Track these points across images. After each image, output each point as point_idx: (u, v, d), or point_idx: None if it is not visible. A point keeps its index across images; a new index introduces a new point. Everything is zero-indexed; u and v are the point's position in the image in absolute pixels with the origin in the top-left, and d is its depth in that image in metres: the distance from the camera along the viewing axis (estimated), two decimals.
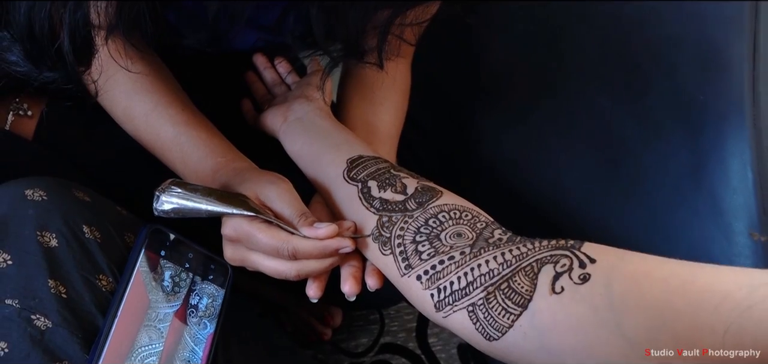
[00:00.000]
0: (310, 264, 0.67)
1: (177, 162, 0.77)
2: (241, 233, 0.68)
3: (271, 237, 0.66)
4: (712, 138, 0.89)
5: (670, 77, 0.92)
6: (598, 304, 0.52)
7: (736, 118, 0.86)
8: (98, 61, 0.72)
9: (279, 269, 0.67)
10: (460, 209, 0.66)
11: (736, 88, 0.86)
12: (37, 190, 0.67)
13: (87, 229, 0.67)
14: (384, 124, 0.90)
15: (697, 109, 0.90)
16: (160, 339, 0.65)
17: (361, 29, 0.75)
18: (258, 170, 0.75)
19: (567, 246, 0.57)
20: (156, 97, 0.79)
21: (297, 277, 0.68)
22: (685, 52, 0.91)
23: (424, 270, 0.63)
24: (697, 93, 0.90)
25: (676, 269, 0.52)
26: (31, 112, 0.84)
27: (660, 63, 0.93)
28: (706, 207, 0.90)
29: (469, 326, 0.59)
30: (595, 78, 1.01)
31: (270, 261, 0.68)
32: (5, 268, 0.62)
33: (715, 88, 0.88)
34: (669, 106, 0.93)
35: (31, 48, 0.69)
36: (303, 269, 0.67)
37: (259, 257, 0.68)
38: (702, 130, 0.90)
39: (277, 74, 0.98)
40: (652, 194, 0.97)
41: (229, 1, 0.77)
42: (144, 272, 0.67)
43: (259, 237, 0.66)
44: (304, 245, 0.66)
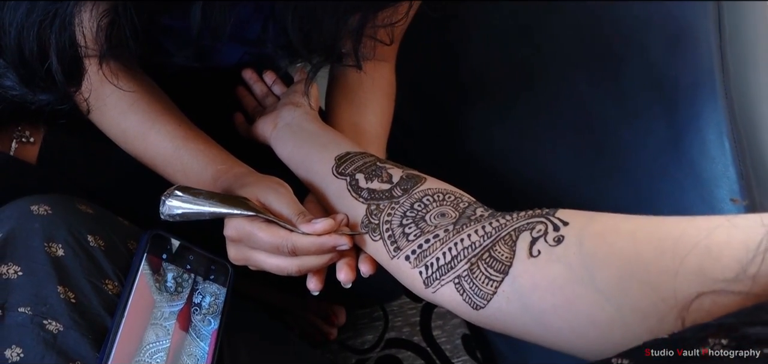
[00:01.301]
0: (309, 260, 0.70)
1: (178, 175, 0.81)
2: (242, 232, 0.71)
3: (272, 235, 0.69)
4: (687, 111, 0.91)
5: (641, 57, 0.95)
6: (572, 262, 0.56)
7: (708, 90, 0.89)
8: (88, 80, 0.75)
9: (281, 266, 0.71)
10: (443, 191, 0.70)
11: (706, 61, 0.89)
12: (42, 205, 0.70)
13: (91, 238, 0.71)
14: (371, 125, 0.93)
15: (670, 84, 0.93)
16: (167, 336, 0.69)
17: (336, 34, 0.79)
18: (257, 174, 0.78)
19: (542, 213, 0.61)
20: (151, 114, 0.82)
21: (298, 272, 0.71)
22: (654, 32, 0.94)
23: (411, 250, 0.66)
24: (669, 69, 0.93)
25: (641, 222, 0.55)
26: (33, 138, 0.88)
27: (631, 45, 0.96)
28: (688, 178, 0.92)
29: (456, 297, 0.62)
30: (571, 66, 1.04)
31: (271, 258, 0.71)
32: (16, 278, 0.66)
33: (685, 63, 0.91)
34: (643, 85, 0.96)
35: (24, 71, 0.73)
36: (303, 264, 0.70)
37: (261, 255, 0.72)
38: (677, 105, 0.93)
39: (265, 86, 1.02)
40: (634, 170, 0.99)
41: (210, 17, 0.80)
42: (147, 274, 0.70)
43: (260, 236, 0.70)
44: (303, 242, 0.69)
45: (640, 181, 0.98)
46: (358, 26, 0.80)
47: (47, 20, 0.67)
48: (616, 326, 0.51)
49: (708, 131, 0.90)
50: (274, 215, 0.71)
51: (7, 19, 0.68)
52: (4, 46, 0.70)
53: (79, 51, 0.71)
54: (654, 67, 0.95)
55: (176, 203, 0.69)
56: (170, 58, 0.83)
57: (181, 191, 0.69)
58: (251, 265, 0.74)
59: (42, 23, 0.67)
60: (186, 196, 0.69)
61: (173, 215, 0.69)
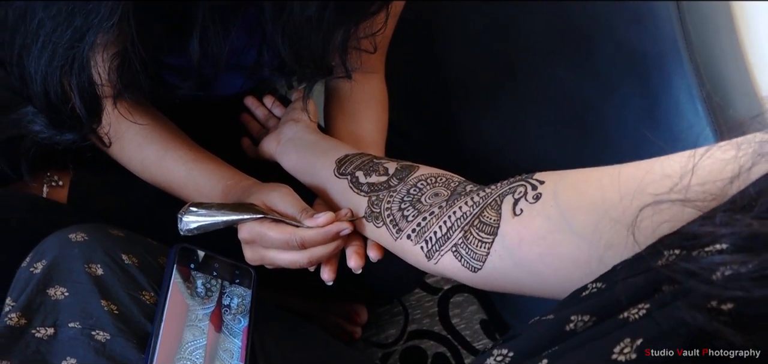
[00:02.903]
0: (318, 250, 0.78)
1: (193, 194, 0.88)
2: (254, 234, 0.79)
3: (280, 232, 0.77)
4: (658, 81, 0.98)
5: (609, 37, 1.02)
6: (551, 213, 0.63)
7: (674, 59, 0.95)
8: (107, 115, 0.83)
9: (293, 259, 0.78)
10: (435, 175, 0.78)
11: (668, 31, 0.95)
12: (79, 233, 0.78)
13: (125, 257, 0.78)
14: (367, 132, 1.01)
15: (639, 58, 1.00)
16: (203, 335, 0.76)
17: (323, 48, 0.87)
18: (262, 183, 0.85)
19: (522, 178, 0.68)
20: (165, 143, 0.90)
21: (309, 263, 0.78)
22: (618, 12, 1.01)
23: (411, 229, 0.74)
24: (636, 44, 1.00)
25: (607, 170, 0.62)
26: (62, 182, 0.96)
27: (598, 27, 1.03)
28: (667, 143, 0.97)
29: (456, 264, 0.70)
30: (547, 54, 1.12)
31: (283, 254, 0.78)
32: (63, 299, 0.74)
33: (649, 36, 0.98)
34: (615, 62, 1.03)
35: (51, 114, 0.81)
36: (313, 255, 0.78)
37: (274, 252, 0.79)
38: (648, 77, 0.99)
39: (267, 110, 1.10)
40: (618, 142, 1.05)
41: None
42: (179, 283, 0.78)
43: (270, 234, 0.77)
44: (309, 234, 0.76)
45: (623, 151, 1.04)
46: (343, 39, 0.88)
47: (67, 65, 0.75)
48: (594, 263, 0.57)
49: (680, 96, 0.95)
50: (280, 215, 0.79)
51: (32, 69, 0.76)
52: (32, 94, 0.78)
53: (96, 89, 0.79)
54: (622, 45, 1.02)
55: (192, 218, 0.77)
56: (177, 91, 0.91)
57: (195, 207, 0.77)
58: (267, 263, 0.81)
59: (63, 68, 0.75)
60: (199, 210, 0.77)
61: (190, 229, 0.77)
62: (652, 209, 0.52)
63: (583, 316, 0.49)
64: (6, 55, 0.79)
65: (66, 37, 0.73)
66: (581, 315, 0.49)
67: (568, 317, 0.49)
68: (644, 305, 0.45)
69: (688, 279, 0.42)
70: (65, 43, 0.73)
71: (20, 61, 0.78)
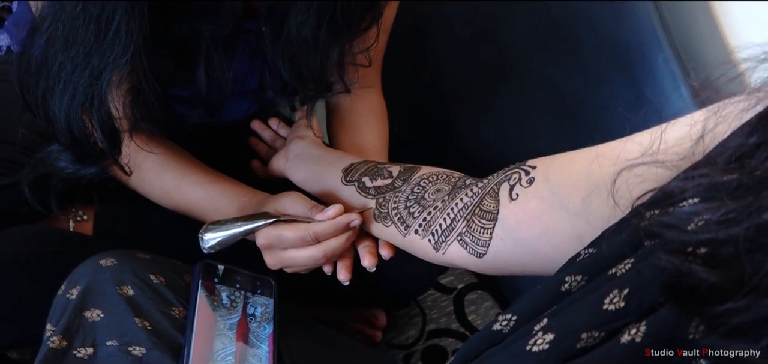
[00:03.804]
0: (331, 243, 0.83)
1: (211, 214, 0.93)
2: (271, 238, 0.84)
3: (295, 230, 0.82)
4: (642, 68, 1.02)
5: (592, 31, 1.07)
6: (544, 195, 0.68)
7: (654, 46, 0.99)
8: (127, 146, 0.89)
9: (309, 255, 0.83)
10: (436, 173, 0.83)
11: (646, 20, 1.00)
12: (108, 259, 0.83)
13: (153, 276, 0.84)
14: (370, 143, 1.07)
15: (622, 49, 1.05)
16: (231, 343, 0.81)
17: (321, 66, 0.93)
18: (269, 196, 0.92)
19: (515, 166, 0.74)
20: (181, 170, 0.96)
21: (324, 257, 0.83)
22: (599, 8, 1.06)
23: (418, 224, 0.79)
24: (617, 36, 1.05)
25: (590, 149, 0.67)
26: (86, 216, 1.02)
27: (582, 24, 1.08)
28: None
29: (462, 252, 0.75)
30: (535, 54, 1.17)
31: (300, 252, 0.84)
32: (99, 320, 0.79)
33: (629, 27, 1.03)
34: (599, 55, 1.08)
35: (76, 149, 0.86)
36: (327, 248, 0.83)
37: (291, 252, 0.84)
38: (631, 65, 1.04)
39: (273, 132, 1.15)
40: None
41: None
42: (205, 296, 0.83)
43: (286, 234, 0.83)
44: (322, 227, 0.82)
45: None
46: (339, 56, 0.94)
47: (87, 102, 0.81)
48: (588, 235, 0.61)
49: (663, 81, 0.99)
50: (291, 217, 0.84)
51: (56, 109, 0.82)
52: (57, 132, 0.84)
53: (115, 122, 0.85)
54: (604, 39, 1.07)
55: (211, 235, 0.83)
56: (188, 120, 0.97)
57: (213, 225, 0.83)
58: (286, 264, 0.86)
59: (83, 105, 0.81)
60: (218, 227, 0.83)
61: (212, 246, 0.83)
62: (627, 173, 0.57)
63: (576, 276, 0.54)
64: (31, 99, 0.84)
65: (85, 76, 0.79)
66: (574, 276, 0.54)
67: (563, 279, 0.55)
68: (629, 261, 0.51)
69: (667, 231, 0.47)
70: (84, 82, 0.79)
71: (45, 103, 0.83)
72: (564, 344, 0.50)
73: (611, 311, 0.48)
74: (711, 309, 0.42)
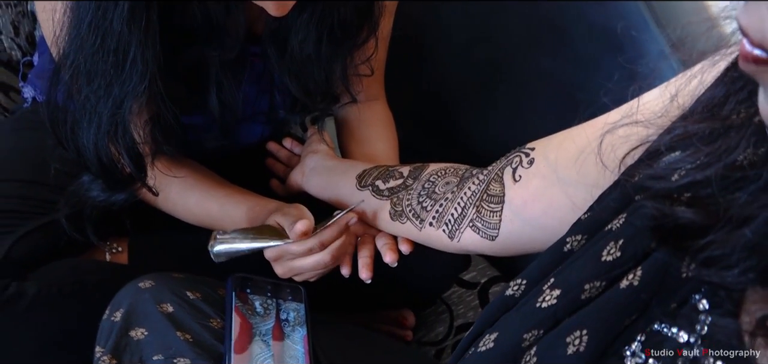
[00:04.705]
0: (337, 244, 0.89)
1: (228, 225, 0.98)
2: (278, 251, 0.91)
3: (300, 244, 0.88)
4: (633, 53, 1.06)
5: (581, 21, 1.12)
6: (544, 173, 0.74)
7: (644, 30, 1.04)
8: (151, 170, 0.95)
9: (318, 261, 0.89)
10: (444, 167, 0.89)
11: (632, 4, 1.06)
12: (147, 281, 0.89)
13: (190, 293, 0.89)
14: (380, 151, 1.13)
15: (612, 35, 1.08)
16: (268, 348, 0.87)
17: (327, 79, 1.00)
18: (280, 203, 0.97)
19: (515, 150, 0.79)
20: (201, 188, 1.02)
21: (332, 260, 0.90)
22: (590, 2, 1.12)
23: (432, 217, 0.85)
24: (607, 22, 1.10)
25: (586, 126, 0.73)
26: (121, 248, 1.08)
27: (570, 14, 1.14)
28: None
29: (476, 237, 0.80)
30: (529, 48, 1.22)
31: (308, 260, 0.90)
32: (144, 338, 0.84)
33: (617, 13, 1.07)
34: (591, 44, 1.12)
35: (106, 176, 0.92)
36: (334, 250, 0.89)
37: (299, 262, 0.90)
38: (623, 50, 1.09)
39: (288, 151, 1.22)
40: None
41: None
42: (240, 306, 0.88)
43: (292, 248, 0.89)
44: (325, 234, 0.88)
45: None
46: (342, 68, 1.01)
47: (112, 130, 0.86)
48: (586, 202, 0.65)
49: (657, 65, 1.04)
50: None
51: (84, 140, 0.88)
52: (87, 162, 0.90)
53: (139, 147, 0.91)
54: (594, 26, 1.11)
55: (220, 248, 0.89)
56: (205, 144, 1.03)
57: (220, 236, 0.89)
58: (296, 274, 0.92)
59: (109, 133, 0.87)
60: (224, 236, 0.89)
61: (218, 256, 0.89)
62: (610, 136, 0.63)
63: (577, 236, 0.60)
64: (62, 133, 0.90)
65: (108, 106, 0.84)
66: (575, 236, 0.60)
67: (565, 241, 0.60)
68: (622, 215, 0.56)
69: (654, 183, 0.53)
70: (108, 112, 0.85)
71: (74, 135, 0.89)
72: (570, 296, 0.55)
73: (609, 262, 0.54)
74: (695, 244, 0.47)
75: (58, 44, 0.85)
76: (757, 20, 0.34)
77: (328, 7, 0.92)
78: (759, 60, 0.36)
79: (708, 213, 0.47)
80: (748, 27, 0.35)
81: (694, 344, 0.48)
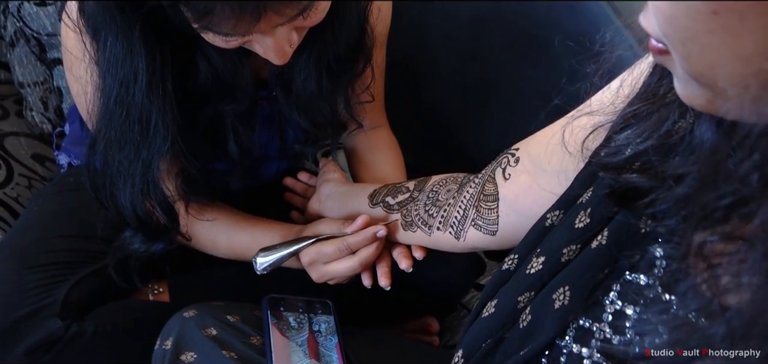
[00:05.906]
0: (364, 251, 0.99)
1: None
2: (313, 255, 1.01)
3: (333, 245, 0.99)
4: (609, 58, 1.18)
5: (556, 30, 1.21)
6: (529, 168, 0.84)
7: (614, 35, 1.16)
8: (182, 218, 1.06)
9: (347, 266, 1.00)
10: (446, 177, 0.99)
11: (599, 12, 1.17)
12: (190, 311, 0.99)
13: (230, 317, 0.99)
14: (388, 174, 1.23)
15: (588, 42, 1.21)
16: (306, 357, 0.96)
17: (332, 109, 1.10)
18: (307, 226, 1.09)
19: (503, 152, 0.90)
20: (229, 225, 1.13)
21: (360, 265, 1.00)
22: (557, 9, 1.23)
23: (438, 222, 0.95)
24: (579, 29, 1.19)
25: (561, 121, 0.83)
26: (162, 289, 1.19)
27: (545, 26, 1.24)
28: None
29: (479, 234, 0.90)
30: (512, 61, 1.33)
31: (339, 264, 1.00)
32: (194, 360, 0.92)
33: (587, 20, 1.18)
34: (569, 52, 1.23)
35: (144, 230, 1.03)
36: (362, 257, 0.99)
37: (331, 265, 1.01)
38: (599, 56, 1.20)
39: (304, 184, 1.32)
40: None
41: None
42: (276, 323, 0.99)
43: (325, 249, 1.00)
44: (353, 239, 0.99)
45: None
46: (345, 99, 1.12)
47: (145, 187, 0.98)
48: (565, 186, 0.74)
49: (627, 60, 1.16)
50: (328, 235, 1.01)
51: (122, 200, 0.99)
52: (126, 219, 1.01)
53: (170, 200, 1.02)
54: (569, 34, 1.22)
55: (263, 259, 1.00)
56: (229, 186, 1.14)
57: (262, 251, 1.01)
58: (328, 276, 1.02)
59: (142, 191, 0.98)
60: (267, 252, 1.01)
61: (265, 267, 1.00)
62: (570, 126, 0.74)
63: (555, 212, 0.70)
64: (102, 196, 1.01)
65: (139, 168, 0.96)
66: (554, 212, 0.70)
67: (546, 217, 0.71)
68: (590, 189, 0.67)
69: (612, 159, 0.64)
70: (139, 173, 0.96)
71: (112, 197, 1.00)
72: (552, 261, 0.66)
73: (582, 228, 0.64)
74: (645, 202, 0.58)
75: (92, 119, 0.97)
76: (651, 21, 0.45)
77: (323, 47, 1.01)
78: (662, 51, 0.47)
79: (650, 176, 0.58)
80: (647, 27, 0.46)
81: (653, 285, 0.58)
